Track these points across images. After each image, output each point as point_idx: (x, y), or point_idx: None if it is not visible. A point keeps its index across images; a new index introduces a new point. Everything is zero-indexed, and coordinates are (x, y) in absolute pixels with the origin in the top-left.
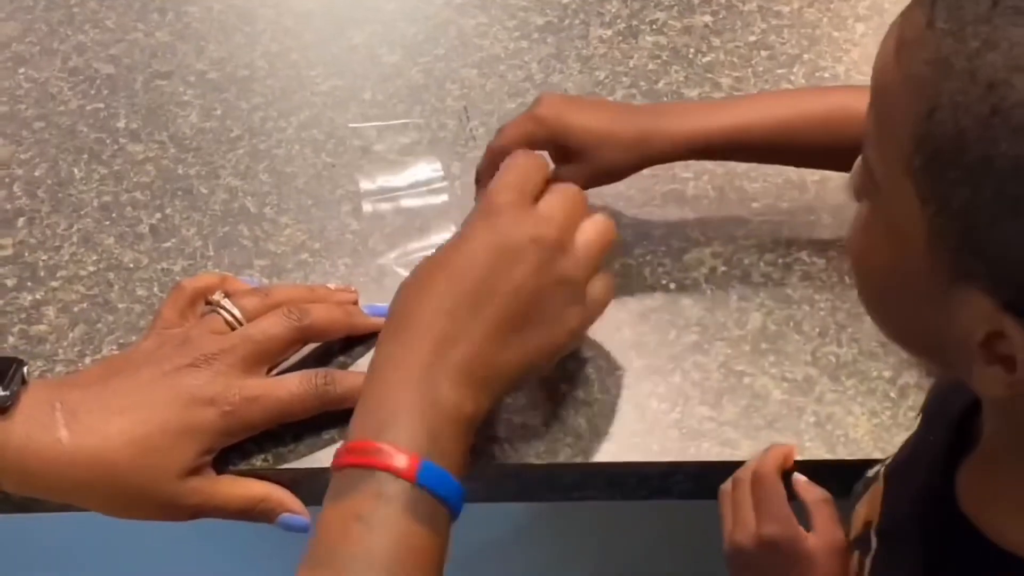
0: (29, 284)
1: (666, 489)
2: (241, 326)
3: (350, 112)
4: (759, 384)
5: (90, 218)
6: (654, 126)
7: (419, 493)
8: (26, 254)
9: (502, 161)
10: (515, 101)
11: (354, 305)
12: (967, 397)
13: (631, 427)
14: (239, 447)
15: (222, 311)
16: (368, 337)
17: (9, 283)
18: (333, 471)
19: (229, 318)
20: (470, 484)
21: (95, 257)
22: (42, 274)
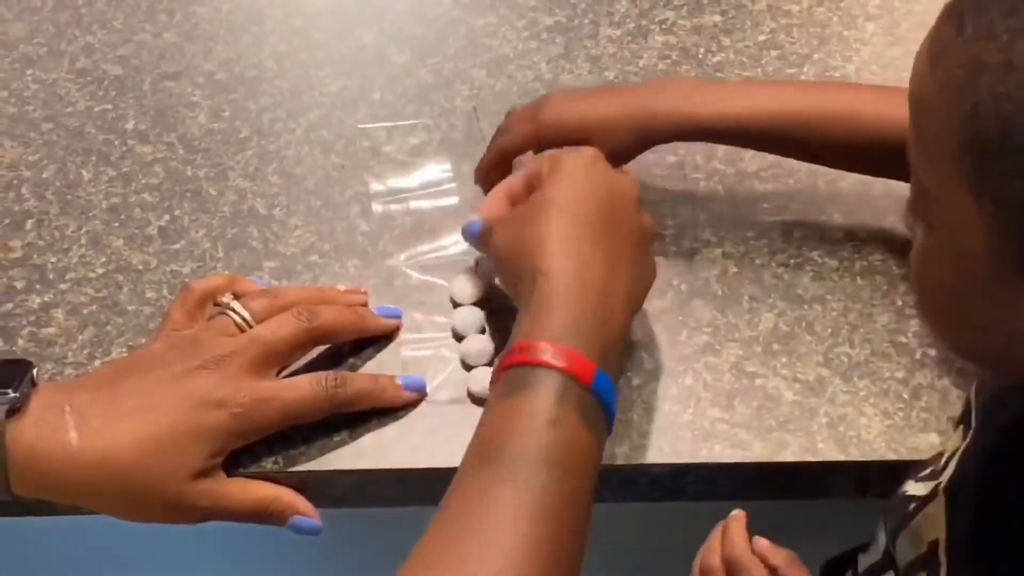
0: (38, 286)
1: (678, 491)
2: (251, 328)
3: (359, 113)
4: (771, 385)
5: (99, 220)
6: (655, 107)
7: (593, 400)
8: (35, 256)
9: (508, 162)
10: (524, 101)
11: (364, 307)
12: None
13: (642, 428)
14: (249, 449)
15: (231, 313)
16: (378, 339)
17: (18, 285)
18: (500, 371)
19: (238, 320)
20: None
21: (104, 259)
22: (51, 276)
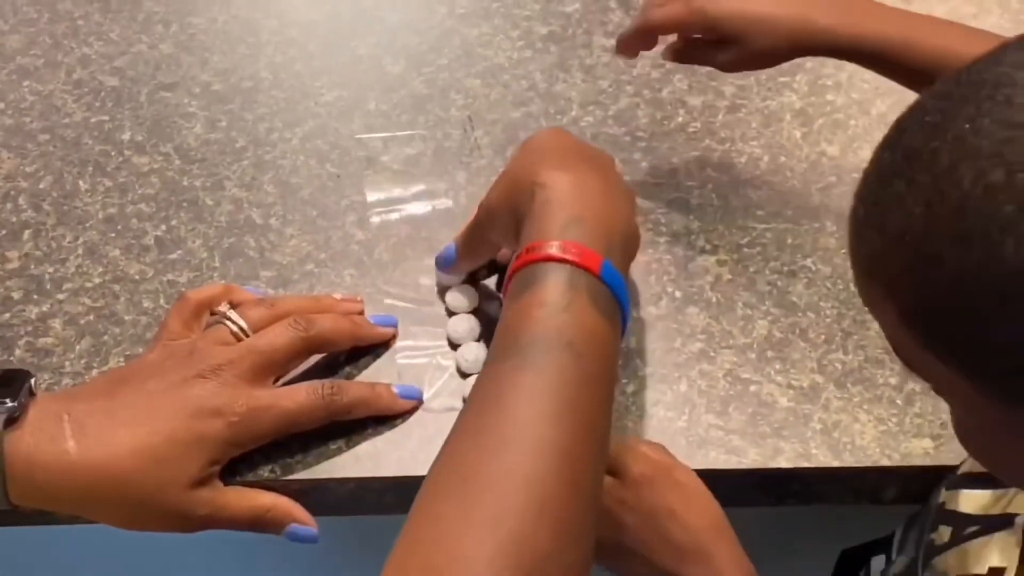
0: (35, 297)
1: None
2: (247, 337)
3: (355, 123)
4: (765, 392)
5: (95, 230)
6: (817, 17)
7: (602, 288)
8: (32, 267)
9: (652, 37)
10: (519, 110)
11: (360, 315)
12: None
13: (637, 435)
14: (246, 458)
15: (228, 322)
16: (374, 347)
17: (15, 296)
18: (510, 278)
19: (235, 329)
20: None
21: (101, 269)
22: (48, 287)
